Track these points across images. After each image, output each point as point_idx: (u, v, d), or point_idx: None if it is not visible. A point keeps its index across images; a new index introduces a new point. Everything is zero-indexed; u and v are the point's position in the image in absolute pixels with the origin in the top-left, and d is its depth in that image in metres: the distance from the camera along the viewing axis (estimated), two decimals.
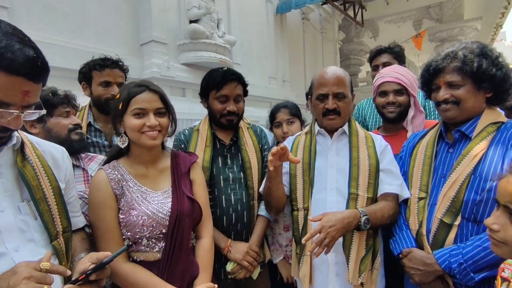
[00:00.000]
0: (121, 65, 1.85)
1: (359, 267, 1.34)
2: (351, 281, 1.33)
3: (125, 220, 1.16)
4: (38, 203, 0.90)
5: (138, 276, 1.14)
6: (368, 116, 2.29)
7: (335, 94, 1.45)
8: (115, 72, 1.81)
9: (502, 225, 0.80)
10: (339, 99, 1.46)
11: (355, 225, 1.28)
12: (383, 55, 2.36)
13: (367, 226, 1.28)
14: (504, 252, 0.82)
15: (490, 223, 0.83)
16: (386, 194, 1.39)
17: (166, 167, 1.31)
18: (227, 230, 1.57)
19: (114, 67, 1.81)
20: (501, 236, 0.80)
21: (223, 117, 1.61)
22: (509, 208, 0.79)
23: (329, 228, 1.22)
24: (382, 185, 1.40)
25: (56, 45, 2.31)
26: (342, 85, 1.46)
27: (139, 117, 1.20)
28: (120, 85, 1.82)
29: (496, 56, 1.22)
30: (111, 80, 1.79)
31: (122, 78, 1.85)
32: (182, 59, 3.28)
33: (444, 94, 1.27)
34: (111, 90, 1.78)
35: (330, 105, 1.45)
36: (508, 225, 0.79)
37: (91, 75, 1.80)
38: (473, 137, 1.23)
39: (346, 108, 1.48)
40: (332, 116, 1.47)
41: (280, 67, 5.28)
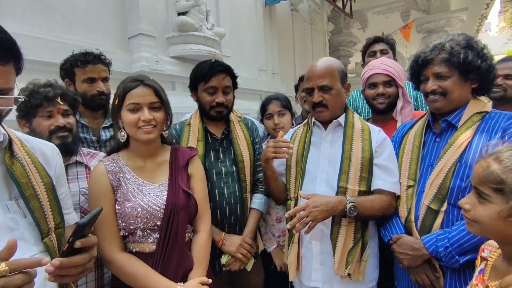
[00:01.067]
0: (103, 59, 1.80)
1: (346, 259, 1.35)
2: (336, 271, 1.36)
3: (120, 211, 1.19)
4: (28, 200, 0.88)
5: (133, 266, 1.16)
6: (360, 107, 2.33)
7: (320, 87, 1.45)
8: (98, 68, 1.76)
9: (472, 205, 0.86)
10: (325, 91, 1.45)
11: (340, 211, 1.30)
12: (380, 43, 2.42)
13: (353, 213, 1.29)
14: (476, 229, 0.88)
15: (463, 203, 0.90)
16: (380, 190, 1.40)
17: (165, 160, 1.33)
18: (221, 223, 1.58)
19: (97, 62, 1.75)
20: (472, 215, 0.86)
21: (212, 109, 1.61)
22: (477, 189, 0.85)
23: (313, 208, 1.26)
24: (377, 181, 1.40)
25: (43, 39, 2.25)
26: (327, 77, 1.44)
27: (134, 112, 1.21)
28: (104, 80, 1.79)
29: (481, 48, 1.26)
30: (95, 76, 1.74)
31: (106, 72, 1.81)
32: (171, 52, 3.24)
33: (432, 85, 1.31)
34: (96, 86, 1.74)
35: (315, 98, 1.46)
36: (477, 205, 0.85)
37: (74, 72, 1.73)
38: (459, 127, 1.27)
39: (333, 100, 1.46)
40: (319, 109, 1.47)
41: (269, 59, 5.27)
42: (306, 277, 1.45)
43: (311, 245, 1.44)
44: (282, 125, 2.01)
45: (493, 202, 0.80)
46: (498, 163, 0.80)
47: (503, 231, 0.81)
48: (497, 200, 0.80)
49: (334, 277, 1.39)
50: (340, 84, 1.48)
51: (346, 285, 1.39)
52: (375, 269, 1.46)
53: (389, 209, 1.38)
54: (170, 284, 1.16)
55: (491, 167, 0.81)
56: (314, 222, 1.26)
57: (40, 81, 1.34)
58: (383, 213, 1.37)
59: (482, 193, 0.83)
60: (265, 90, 4.48)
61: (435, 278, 1.23)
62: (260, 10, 5.00)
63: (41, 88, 1.28)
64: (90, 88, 1.74)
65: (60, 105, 1.33)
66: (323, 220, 1.28)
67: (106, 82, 1.82)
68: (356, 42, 9.09)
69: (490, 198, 0.81)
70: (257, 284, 1.74)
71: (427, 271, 1.24)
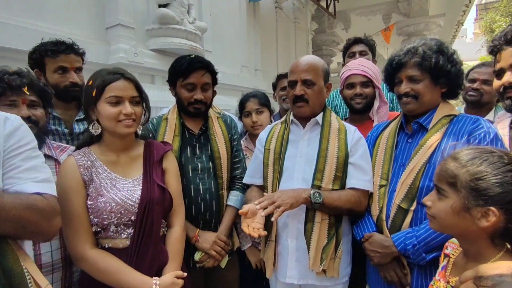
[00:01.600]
0: (76, 49, 1.71)
1: (320, 255, 1.38)
2: (311, 268, 1.38)
3: (93, 206, 1.16)
4: None
5: (107, 262, 1.14)
6: (338, 107, 2.37)
7: (303, 81, 1.46)
8: (70, 58, 1.67)
9: (433, 201, 0.92)
10: (308, 86, 1.46)
11: (305, 199, 1.32)
12: (359, 44, 2.46)
13: (319, 199, 1.32)
14: (435, 225, 0.93)
15: (426, 200, 0.95)
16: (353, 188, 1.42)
17: (139, 155, 1.31)
18: (196, 219, 1.57)
19: (69, 53, 1.67)
20: (432, 211, 0.92)
21: (191, 105, 1.60)
22: (436, 186, 0.91)
23: (279, 193, 1.32)
24: (350, 179, 1.43)
25: (12, 25, 2.13)
26: (311, 72, 1.46)
27: (114, 105, 1.19)
28: (77, 70, 1.71)
29: (451, 53, 1.31)
30: (68, 66, 1.67)
31: (79, 62, 1.73)
32: (151, 44, 3.16)
33: (405, 88, 1.35)
34: (69, 76, 1.66)
35: (297, 91, 1.46)
36: (436, 202, 0.91)
37: (44, 62, 1.65)
38: (429, 129, 1.32)
39: (315, 96, 1.47)
40: (300, 103, 1.48)
41: (252, 55, 5.25)
42: (282, 274, 1.46)
43: (287, 242, 1.45)
44: (260, 123, 2.01)
45: (449, 197, 0.86)
46: (454, 161, 0.87)
47: (458, 225, 0.86)
48: (452, 195, 0.85)
49: (309, 274, 1.41)
50: (322, 82, 1.50)
51: (321, 281, 1.42)
52: (348, 265, 1.50)
53: (357, 205, 1.40)
54: (145, 279, 1.16)
55: (447, 164, 0.88)
56: (283, 206, 1.26)
57: (10, 68, 1.26)
58: (351, 207, 1.38)
59: (440, 189, 0.89)
60: (247, 86, 4.46)
61: (403, 274, 1.27)
62: (244, 6, 4.96)
63: (6, 75, 1.21)
64: (62, 79, 1.66)
65: (26, 95, 1.26)
66: (290, 206, 1.28)
67: (80, 72, 1.74)
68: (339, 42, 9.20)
69: (446, 194, 0.87)
70: (232, 280, 1.74)
71: (396, 268, 1.28)
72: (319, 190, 1.36)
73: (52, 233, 0.94)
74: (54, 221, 0.91)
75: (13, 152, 0.88)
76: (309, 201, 1.33)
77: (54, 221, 0.91)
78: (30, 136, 0.94)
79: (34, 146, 0.94)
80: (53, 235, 0.95)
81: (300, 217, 1.41)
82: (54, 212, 0.90)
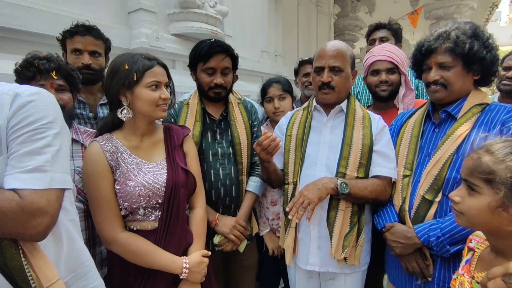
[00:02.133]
0: (94, 32, 1.72)
1: (342, 243, 1.38)
2: (333, 255, 1.38)
3: (121, 190, 1.18)
4: None
5: (137, 244, 1.19)
6: (360, 94, 2.30)
7: (331, 68, 1.44)
8: (86, 39, 1.68)
9: (462, 197, 0.86)
10: (335, 72, 1.44)
11: (332, 189, 1.32)
12: (381, 30, 2.36)
13: (345, 190, 1.31)
14: (463, 222, 0.88)
15: (453, 195, 0.89)
16: (377, 176, 1.41)
17: (160, 139, 1.34)
18: (215, 204, 1.59)
19: (85, 34, 1.68)
20: (460, 207, 0.87)
21: (211, 90, 1.60)
22: (467, 181, 0.85)
23: (305, 191, 1.31)
24: (374, 167, 1.41)
25: (37, 10, 2.17)
26: (339, 59, 1.43)
27: (155, 90, 1.22)
28: (93, 54, 1.72)
29: (487, 38, 1.23)
30: (81, 48, 1.68)
31: (96, 46, 1.73)
32: (172, 29, 3.16)
33: (434, 75, 1.28)
34: (81, 58, 1.68)
35: (324, 78, 1.44)
36: (466, 197, 0.85)
37: (65, 43, 1.70)
38: (459, 118, 1.26)
39: (342, 83, 1.45)
40: (326, 90, 1.45)
41: (272, 40, 5.15)
42: (303, 261, 1.47)
43: (309, 229, 1.46)
44: (282, 109, 1.99)
45: (483, 193, 0.81)
46: (489, 155, 0.80)
47: (491, 223, 0.81)
48: (487, 191, 0.80)
49: (330, 261, 1.42)
50: (350, 69, 1.48)
51: (341, 268, 1.43)
52: (368, 254, 1.50)
53: (382, 194, 1.38)
54: (175, 258, 1.21)
55: (482, 158, 0.81)
56: (312, 203, 1.28)
57: (40, 53, 1.29)
58: (376, 196, 1.37)
59: (472, 184, 0.83)
60: (267, 72, 4.41)
61: (425, 266, 1.25)
62: None
63: (36, 60, 1.24)
64: (76, 61, 1.68)
65: (54, 80, 1.28)
66: (319, 200, 1.30)
67: (98, 56, 1.74)
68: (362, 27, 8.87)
69: (480, 190, 0.81)
70: (251, 265, 1.77)
71: (418, 259, 1.26)
72: (345, 180, 1.34)
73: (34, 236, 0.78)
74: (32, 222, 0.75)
75: (14, 134, 0.78)
76: (336, 191, 1.32)
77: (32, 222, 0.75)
78: (40, 112, 0.81)
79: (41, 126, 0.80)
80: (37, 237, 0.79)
81: (324, 204, 1.40)
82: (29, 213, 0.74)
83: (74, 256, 0.95)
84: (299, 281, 1.55)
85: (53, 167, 0.81)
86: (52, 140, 0.82)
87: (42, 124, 0.80)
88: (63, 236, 0.91)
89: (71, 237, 0.94)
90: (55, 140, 0.82)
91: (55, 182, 0.80)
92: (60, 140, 0.84)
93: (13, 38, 2.07)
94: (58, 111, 0.86)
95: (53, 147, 0.82)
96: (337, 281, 1.46)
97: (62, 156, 0.85)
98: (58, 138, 0.84)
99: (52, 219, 0.80)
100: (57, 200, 0.81)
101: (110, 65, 1.26)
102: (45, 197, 0.77)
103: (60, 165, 0.83)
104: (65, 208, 0.93)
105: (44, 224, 0.78)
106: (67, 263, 0.92)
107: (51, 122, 0.83)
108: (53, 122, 0.83)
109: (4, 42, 2.02)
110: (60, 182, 0.82)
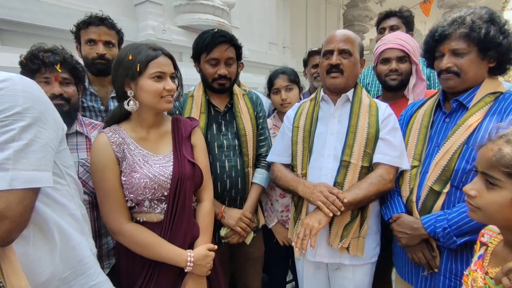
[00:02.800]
0: (107, 22, 1.73)
1: (341, 233, 1.38)
2: (331, 244, 1.39)
3: (127, 182, 1.18)
4: None
5: (143, 235, 1.19)
6: (370, 85, 2.26)
7: (340, 51, 1.42)
8: (100, 29, 1.70)
9: (479, 191, 0.82)
10: (345, 55, 1.42)
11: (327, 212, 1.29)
12: (392, 18, 2.30)
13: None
14: (479, 217, 0.84)
15: (468, 189, 0.84)
16: (377, 164, 1.38)
17: (167, 131, 1.32)
18: (221, 196, 1.60)
19: (99, 24, 1.70)
20: (477, 202, 0.82)
21: (215, 81, 1.58)
22: (485, 175, 0.80)
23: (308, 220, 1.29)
24: (376, 154, 1.39)
25: (46, 3, 2.20)
26: (349, 43, 1.42)
27: (159, 81, 1.19)
28: (107, 44, 1.73)
29: (504, 23, 1.19)
30: (96, 38, 1.69)
31: (110, 36, 1.74)
32: (179, 21, 3.16)
33: (447, 63, 1.24)
34: (96, 48, 1.69)
35: (334, 60, 1.42)
36: (484, 191, 0.80)
37: (80, 35, 1.72)
38: (470, 107, 1.23)
39: (351, 68, 1.43)
40: (335, 73, 1.43)
41: (280, 32, 5.10)
42: (311, 253, 1.47)
43: None
44: (289, 101, 1.96)
45: (505, 187, 0.76)
46: (511, 146, 0.75)
47: (511, 219, 0.77)
48: (509, 185, 0.75)
49: (336, 252, 1.42)
50: (358, 55, 1.47)
51: (350, 260, 1.42)
52: (377, 245, 1.49)
53: (384, 186, 1.35)
54: (180, 251, 1.20)
55: (503, 150, 0.75)
56: (315, 230, 1.25)
57: (45, 46, 1.29)
58: (375, 192, 1.34)
59: (493, 178, 0.78)
60: (275, 64, 4.37)
61: (432, 257, 1.24)
62: None
63: (41, 52, 1.24)
64: (91, 51, 1.69)
65: (59, 73, 1.27)
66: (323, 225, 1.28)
67: (111, 47, 1.75)
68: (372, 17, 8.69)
69: (501, 184, 0.76)
70: (257, 257, 1.78)
71: (424, 250, 1.25)
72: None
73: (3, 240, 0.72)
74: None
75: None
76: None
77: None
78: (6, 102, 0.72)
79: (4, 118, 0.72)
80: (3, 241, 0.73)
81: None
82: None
83: (70, 253, 0.92)
84: (307, 273, 1.56)
85: (17, 165, 0.72)
86: (18, 134, 0.73)
87: (6, 116, 0.72)
88: (55, 234, 0.87)
89: (65, 233, 0.90)
90: (23, 134, 0.74)
91: (18, 182, 0.71)
92: (33, 133, 0.76)
93: (22, 32, 2.10)
94: (32, 100, 0.77)
95: (19, 141, 0.73)
96: (346, 272, 1.46)
97: (36, 151, 0.76)
98: (28, 131, 0.75)
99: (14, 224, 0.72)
100: (20, 203, 0.72)
101: (116, 56, 1.25)
102: (3, 200, 0.70)
103: (30, 161, 0.74)
104: (60, 203, 0.90)
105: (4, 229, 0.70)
106: (65, 259, 0.91)
107: (19, 113, 0.74)
108: (22, 113, 0.74)
109: (14, 36, 2.05)
110: (27, 181, 0.73)
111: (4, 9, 1.89)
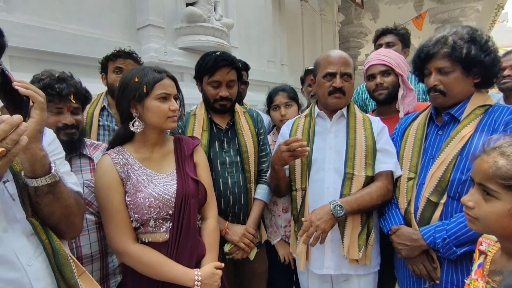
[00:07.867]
0: (134, 56, 2.02)
1: (357, 242, 1.40)
2: (347, 255, 1.40)
3: (132, 202, 1.19)
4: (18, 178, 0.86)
5: (148, 256, 1.18)
6: (368, 100, 2.33)
7: (342, 74, 1.50)
8: (128, 62, 1.97)
9: (476, 202, 0.83)
10: (346, 78, 1.52)
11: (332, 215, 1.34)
12: (388, 35, 2.39)
13: (341, 212, 1.33)
14: (478, 227, 0.86)
15: (466, 200, 0.86)
16: (379, 174, 1.43)
17: (170, 150, 1.35)
18: (225, 212, 1.62)
19: (127, 57, 1.98)
20: (475, 213, 0.84)
21: (216, 102, 1.64)
22: (482, 186, 0.82)
23: (317, 221, 1.32)
24: (378, 164, 1.45)
25: (52, 30, 2.29)
26: (349, 66, 1.53)
27: (164, 102, 1.24)
28: None
29: (485, 41, 1.25)
30: (123, 67, 1.94)
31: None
32: (180, 43, 3.26)
33: (434, 81, 1.31)
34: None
35: (338, 83, 1.49)
36: (481, 202, 0.82)
37: (107, 66, 1.99)
38: (462, 120, 1.28)
39: (351, 89, 1.55)
40: (338, 95, 1.51)
41: (278, 50, 5.24)
42: (318, 265, 1.49)
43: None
44: (288, 117, 2.02)
45: (501, 198, 0.77)
46: (505, 158, 0.77)
47: (510, 228, 0.78)
48: (506, 196, 0.77)
49: (344, 264, 1.44)
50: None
51: (355, 270, 1.45)
52: (378, 255, 1.51)
53: (387, 195, 1.42)
54: (187, 270, 1.20)
55: (498, 162, 0.77)
56: (325, 233, 1.32)
57: (55, 73, 1.31)
58: (383, 199, 1.40)
59: (490, 189, 0.79)
60: (273, 81, 4.47)
61: (432, 268, 1.25)
62: (269, 0, 4.95)
63: (56, 84, 1.27)
64: (117, 78, 1.88)
65: (72, 103, 1.32)
66: (331, 228, 1.34)
67: None
68: (367, 33, 8.92)
69: (498, 195, 0.78)
70: (261, 272, 1.79)
71: (425, 261, 1.26)
72: (339, 202, 1.36)
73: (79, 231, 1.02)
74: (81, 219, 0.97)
75: None
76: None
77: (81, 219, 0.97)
78: None
79: None
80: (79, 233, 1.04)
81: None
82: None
83: None
84: (312, 286, 1.57)
85: None
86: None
87: None
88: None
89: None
90: None
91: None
92: None
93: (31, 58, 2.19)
94: None
95: None
96: (351, 283, 1.47)
97: None
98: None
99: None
100: None
101: (121, 79, 1.28)
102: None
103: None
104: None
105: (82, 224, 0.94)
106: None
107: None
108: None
109: (23, 62, 2.13)
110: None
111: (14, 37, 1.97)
